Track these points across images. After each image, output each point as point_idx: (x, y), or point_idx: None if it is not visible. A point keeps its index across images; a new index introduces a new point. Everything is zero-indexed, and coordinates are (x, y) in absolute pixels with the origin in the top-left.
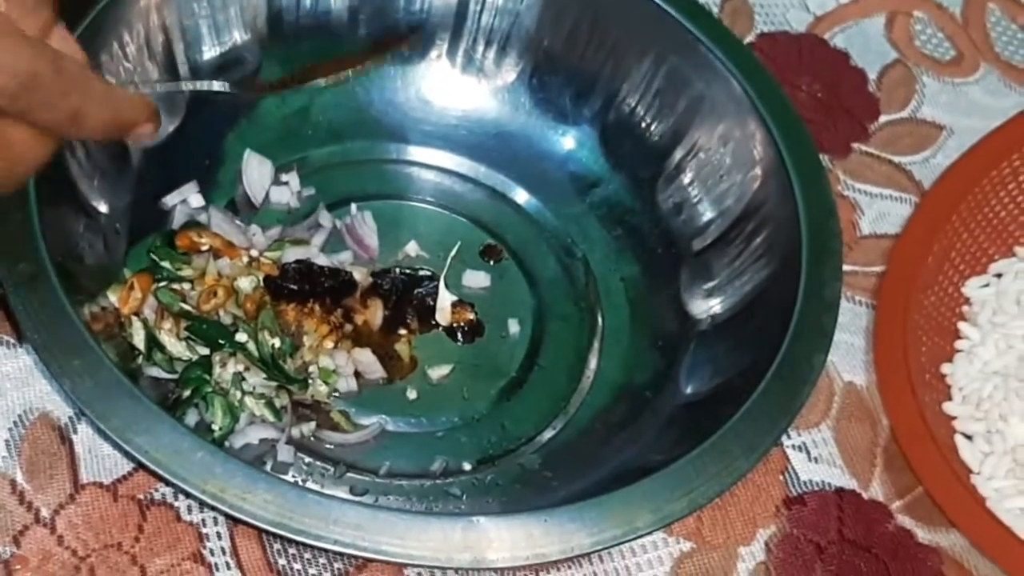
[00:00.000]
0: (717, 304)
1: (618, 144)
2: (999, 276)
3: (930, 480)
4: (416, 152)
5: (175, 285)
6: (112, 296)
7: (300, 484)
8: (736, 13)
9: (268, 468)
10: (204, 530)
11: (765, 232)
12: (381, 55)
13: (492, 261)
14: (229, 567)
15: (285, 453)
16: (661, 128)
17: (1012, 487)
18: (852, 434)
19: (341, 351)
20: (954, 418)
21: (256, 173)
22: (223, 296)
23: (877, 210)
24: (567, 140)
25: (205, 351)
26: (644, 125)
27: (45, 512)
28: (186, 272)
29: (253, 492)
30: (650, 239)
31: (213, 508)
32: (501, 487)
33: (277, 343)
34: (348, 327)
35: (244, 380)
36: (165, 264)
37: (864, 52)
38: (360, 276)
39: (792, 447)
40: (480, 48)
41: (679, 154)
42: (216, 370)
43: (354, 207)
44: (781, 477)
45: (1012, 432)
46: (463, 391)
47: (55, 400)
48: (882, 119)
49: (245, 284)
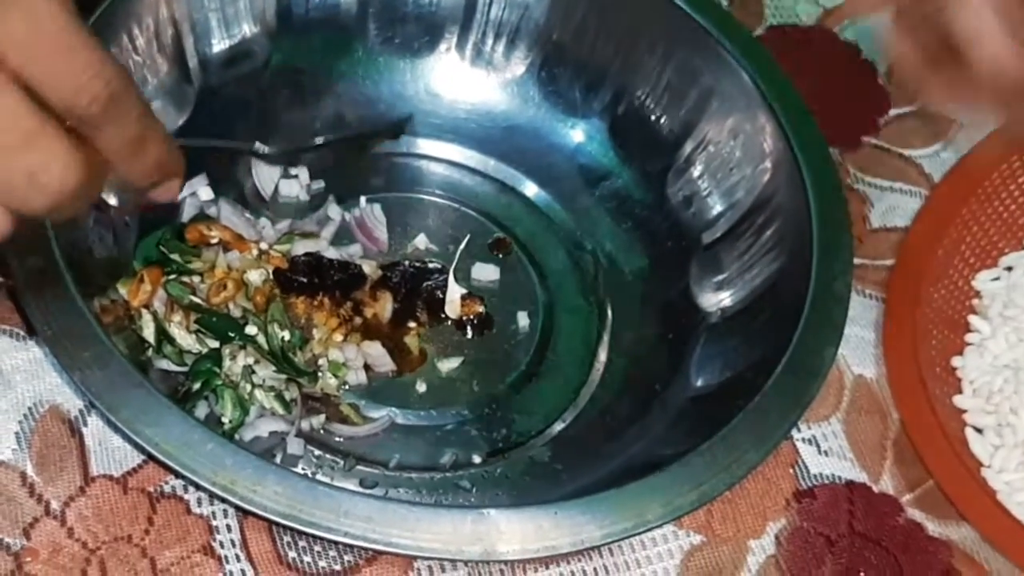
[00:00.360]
0: (727, 297)
1: (628, 137)
2: (1009, 269)
3: (940, 473)
4: (425, 145)
5: (185, 278)
6: (122, 289)
7: (311, 477)
8: (746, 6)
9: (278, 461)
10: (214, 523)
11: (775, 225)
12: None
13: (501, 254)
14: (239, 560)
15: (295, 446)
16: (671, 121)
17: (1023, 480)
18: (862, 427)
19: (351, 344)
20: (964, 411)
21: (265, 166)
22: (233, 289)
23: (887, 203)
24: (576, 133)
25: (215, 344)
26: (654, 118)
27: (55, 504)
28: (196, 265)
29: (263, 484)
30: (660, 232)
31: (223, 500)
32: (511, 480)
33: (287, 336)
34: (357, 320)
35: (254, 373)
36: (175, 257)
37: (874, 45)
38: (369, 269)
39: (802, 440)
40: (489, 41)
41: (689, 147)
42: (226, 363)
43: (363, 200)
44: (791, 470)
45: (1023, 425)
46: (472, 384)
47: (65, 392)
48: (892, 112)
49: (255, 277)
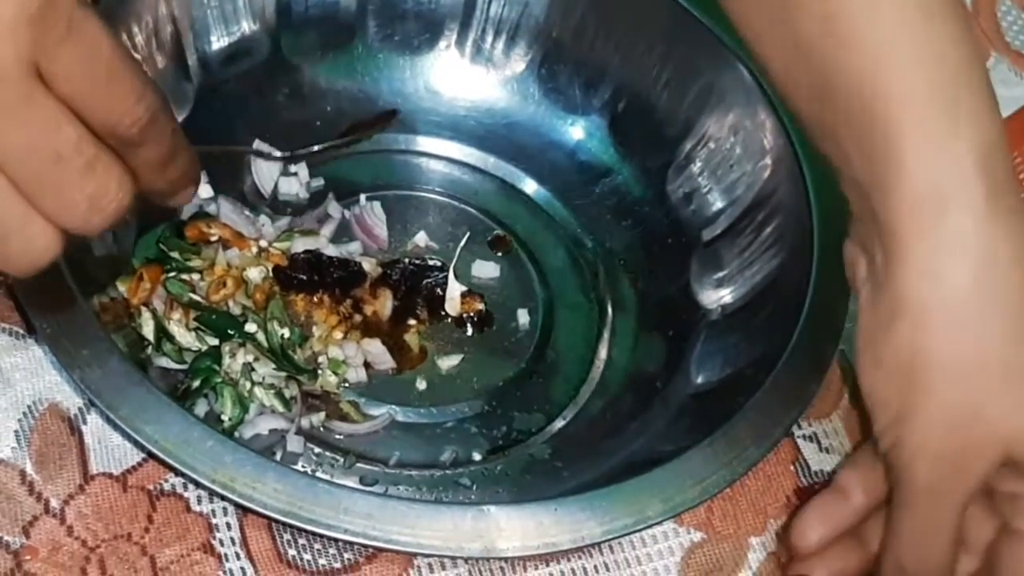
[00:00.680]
0: (727, 294)
1: (628, 134)
2: None
3: None
4: (425, 143)
5: (184, 275)
6: (121, 287)
7: (311, 474)
8: None
9: (278, 458)
10: (214, 520)
11: (775, 222)
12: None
13: (501, 251)
14: (239, 557)
15: (295, 443)
16: (671, 118)
17: None
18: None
19: (350, 341)
20: None
21: (265, 164)
22: (232, 286)
23: None
24: (576, 130)
25: (214, 341)
26: (654, 115)
27: (55, 503)
28: (195, 262)
29: (263, 481)
30: (660, 229)
31: (223, 498)
32: (511, 477)
33: (286, 333)
34: (357, 317)
35: (253, 370)
36: (174, 255)
37: None
38: (369, 266)
39: (803, 437)
40: (489, 38)
41: (689, 144)
42: (225, 360)
43: (363, 198)
44: (792, 467)
45: None
46: (473, 381)
47: (65, 391)
48: None
49: (254, 274)
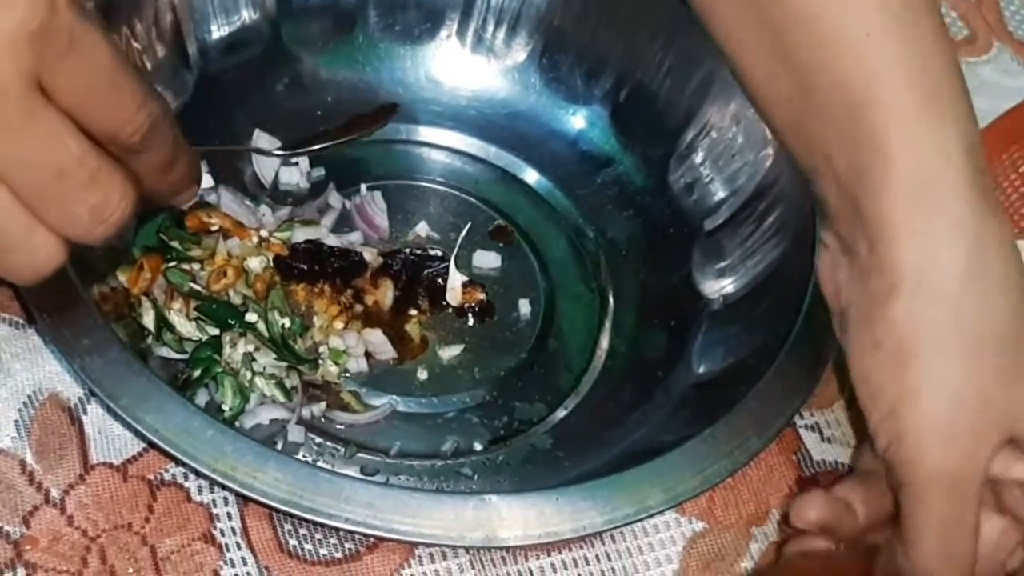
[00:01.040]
0: (729, 284)
1: (629, 123)
2: None
3: None
4: (426, 132)
5: (185, 265)
6: (122, 276)
7: (312, 463)
8: None
9: (279, 448)
10: (215, 510)
11: (777, 211)
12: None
13: (502, 241)
14: (240, 547)
15: (295, 433)
16: (673, 107)
17: None
18: None
19: (351, 331)
20: None
21: None
22: (233, 276)
23: None
24: (578, 120)
25: (215, 331)
26: (656, 104)
27: (55, 493)
28: (196, 252)
29: (264, 470)
30: (662, 219)
31: (224, 487)
32: (512, 467)
33: (287, 323)
34: (358, 307)
35: (254, 360)
36: (175, 244)
37: None
38: (370, 256)
39: (805, 427)
40: (490, 27)
41: (691, 133)
42: (226, 350)
43: (364, 187)
44: (794, 457)
45: None
46: (474, 371)
47: (65, 380)
48: None
49: (255, 264)
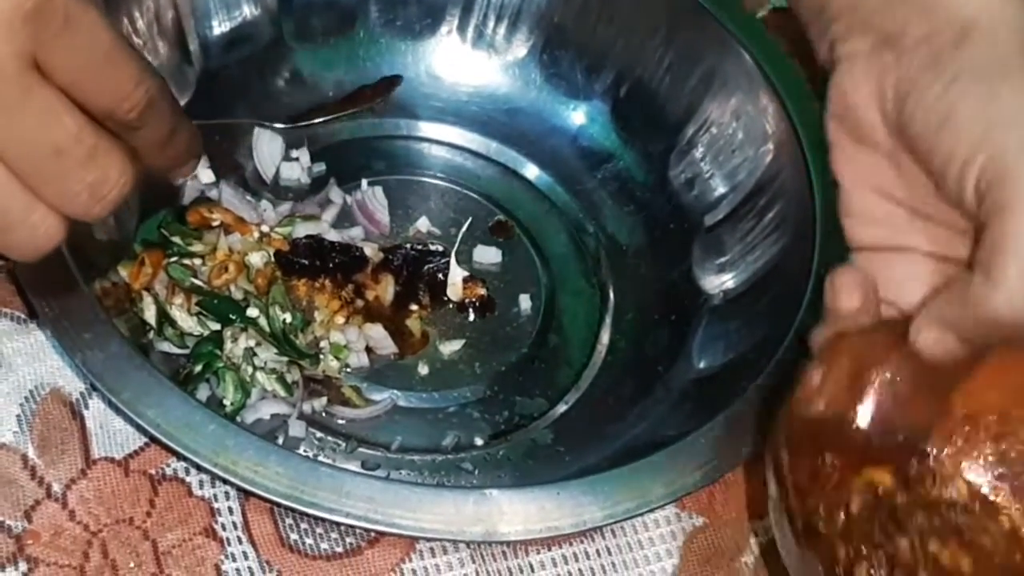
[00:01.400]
0: (729, 279)
1: (630, 119)
2: None
3: None
4: (427, 128)
5: (186, 260)
6: (123, 271)
7: (312, 458)
8: None
9: (280, 443)
10: (216, 505)
11: (777, 206)
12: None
13: (503, 237)
14: (241, 542)
15: (297, 428)
16: (673, 103)
17: None
18: None
19: (352, 326)
20: None
21: (267, 149)
22: (234, 271)
23: None
24: (578, 115)
25: (216, 326)
26: (656, 100)
27: (57, 487)
28: (197, 247)
29: (265, 465)
30: (662, 214)
31: (225, 482)
32: (513, 462)
33: (288, 318)
34: (359, 302)
35: (255, 355)
36: (176, 239)
37: None
38: (371, 252)
39: None
40: (491, 23)
41: (691, 129)
42: (227, 345)
43: (365, 183)
44: None
45: None
46: (475, 366)
47: (67, 375)
48: None
49: (256, 259)
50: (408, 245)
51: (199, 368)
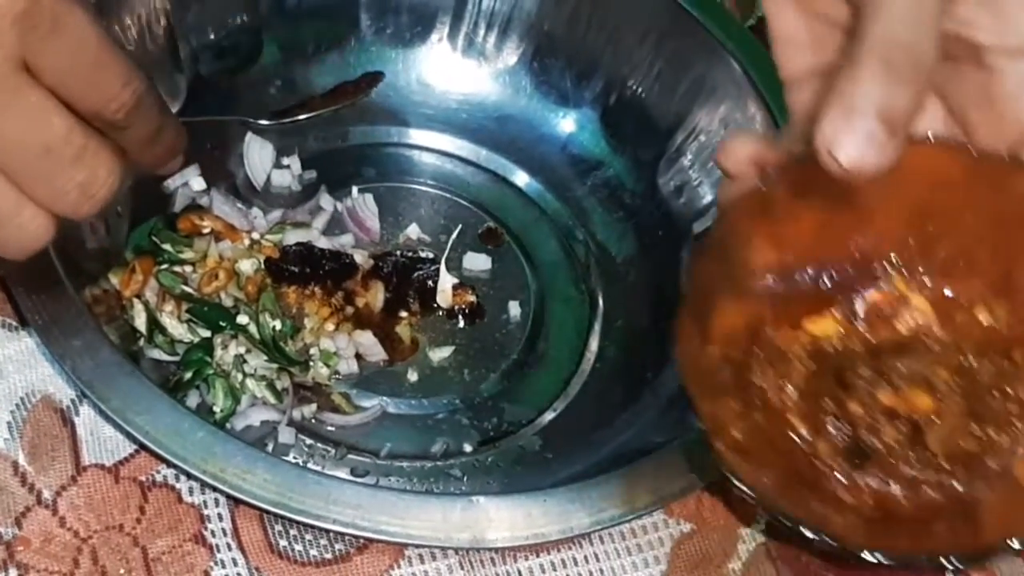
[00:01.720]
0: None
1: (619, 126)
2: None
3: None
4: (417, 135)
5: (176, 268)
6: (114, 279)
7: (300, 465)
8: None
9: (269, 450)
10: (206, 512)
11: None
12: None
13: (493, 244)
14: (230, 548)
15: (286, 435)
16: (662, 110)
17: None
18: None
19: (342, 333)
20: None
21: (257, 156)
22: (224, 278)
23: None
24: (568, 123)
25: (206, 333)
26: (645, 107)
27: (47, 494)
28: (187, 255)
29: (253, 472)
30: (651, 221)
31: (214, 489)
32: (502, 468)
33: (278, 325)
34: (349, 309)
35: (245, 362)
36: (167, 247)
37: None
38: (361, 259)
39: None
40: (481, 31)
41: (680, 136)
42: (217, 352)
43: (355, 190)
44: None
45: None
46: (464, 373)
47: (57, 382)
48: None
49: (246, 266)
50: (398, 252)
51: (189, 375)
